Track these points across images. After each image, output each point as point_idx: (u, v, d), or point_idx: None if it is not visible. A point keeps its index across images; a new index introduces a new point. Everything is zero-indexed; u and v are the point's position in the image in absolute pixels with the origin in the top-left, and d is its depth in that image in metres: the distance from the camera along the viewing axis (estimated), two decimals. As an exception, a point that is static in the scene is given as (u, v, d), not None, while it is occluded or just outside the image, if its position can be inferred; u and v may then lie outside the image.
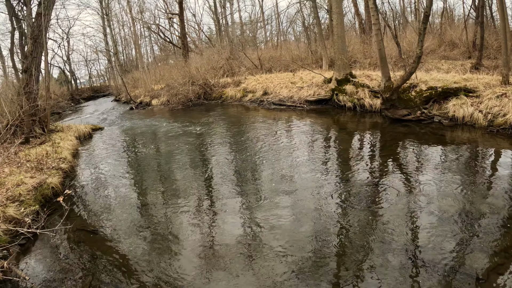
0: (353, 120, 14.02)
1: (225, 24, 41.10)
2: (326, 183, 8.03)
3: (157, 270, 5.69)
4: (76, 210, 8.94)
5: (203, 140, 14.02)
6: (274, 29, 51.98)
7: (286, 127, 14.11)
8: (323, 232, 6.05)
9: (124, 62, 56.66)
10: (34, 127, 16.98)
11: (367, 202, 6.86)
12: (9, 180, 10.03)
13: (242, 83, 24.37)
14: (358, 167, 8.82)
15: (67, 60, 57.14)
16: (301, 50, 29.54)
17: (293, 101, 18.14)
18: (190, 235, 6.66)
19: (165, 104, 27.30)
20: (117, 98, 39.53)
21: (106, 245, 6.83)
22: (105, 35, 46.04)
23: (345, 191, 7.46)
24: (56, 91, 44.03)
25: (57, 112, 34.84)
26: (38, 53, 17.45)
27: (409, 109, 12.50)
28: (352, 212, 6.57)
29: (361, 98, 15.13)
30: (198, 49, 37.89)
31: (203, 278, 5.29)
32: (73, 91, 53.97)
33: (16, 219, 7.92)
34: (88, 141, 18.30)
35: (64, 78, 58.47)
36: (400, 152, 9.64)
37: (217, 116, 19.10)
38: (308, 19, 36.58)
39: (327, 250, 5.53)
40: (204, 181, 9.48)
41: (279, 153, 10.62)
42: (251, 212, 7.12)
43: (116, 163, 12.77)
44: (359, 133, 12.20)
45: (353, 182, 7.85)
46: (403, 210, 6.39)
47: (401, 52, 20.72)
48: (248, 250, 5.81)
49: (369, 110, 14.63)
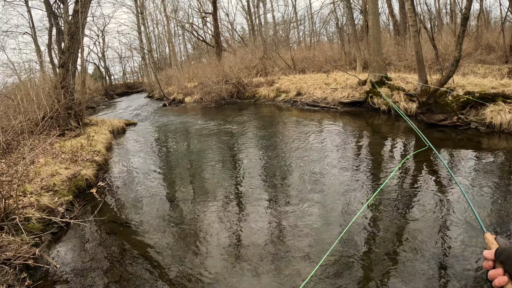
0: (388, 124, 13.88)
1: (258, 24, 41.24)
2: (357, 187, 7.98)
3: (183, 264, 5.84)
4: (108, 202, 9.22)
5: (235, 139, 14.16)
6: (307, 30, 51.97)
7: (319, 128, 14.12)
8: (351, 237, 5.98)
9: (158, 59, 57.41)
10: (69, 120, 17.46)
11: (398, 209, 6.78)
12: (44, 170, 10.43)
13: (276, 83, 24.44)
14: (390, 171, 8.76)
15: (102, 57, 58.39)
16: (334, 51, 29.30)
17: (326, 103, 18.14)
18: (217, 232, 6.76)
19: (198, 101, 27.58)
20: (150, 95, 40.22)
21: (136, 238, 7.04)
22: (140, 33, 46.74)
23: (376, 196, 7.35)
24: (91, 86, 45.04)
25: (92, 106, 35.65)
26: (75, 49, 18.01)
27: (446, 114, 12.26)
28: (382, 219, 6.53)
29: (396, 101, 15.00)
30: (231, 48, 38.13)
31: (227, 275, 5.37)
32: (107, 86, 55.08)
33: (50, 208, 8.25)
34: (122, 136, 18.76)
35: (99, 74, 59.72)
36: (436, 159, 9.47)
37: (250, 115, 19.24)
38: (342, 19, 36.48)
39: (353, 255, 5.45)
40: (234, 180, 9.57)
41: (311, 155, 10.64)
42: (279, 213, 7.15)
43: (148, 158, 13.05)
44: (393, 137, 12.08)
45: (385, 187, 7.73)
46: (436, 219, 6.27)
47: (437, 54, 20.48)
48: (273, 250, 5.84)
49: (404, 113, 14.43)
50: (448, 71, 11.96)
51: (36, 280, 5.84)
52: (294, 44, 44.67)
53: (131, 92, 54.89)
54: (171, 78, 37.94)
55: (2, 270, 5.82)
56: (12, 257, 6.02)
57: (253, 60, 29.05)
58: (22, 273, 5.90)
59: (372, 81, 16.79)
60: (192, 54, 56.05)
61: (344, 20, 35.97)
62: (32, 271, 6.07)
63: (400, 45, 25.06)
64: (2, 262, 5.94)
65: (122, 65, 66.90)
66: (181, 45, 60.75)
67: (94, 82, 52.91)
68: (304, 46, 39.96)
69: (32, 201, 8.16)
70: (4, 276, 5.71)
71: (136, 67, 71.09)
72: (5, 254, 6.05)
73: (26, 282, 5.67)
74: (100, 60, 58.83)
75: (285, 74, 26.35)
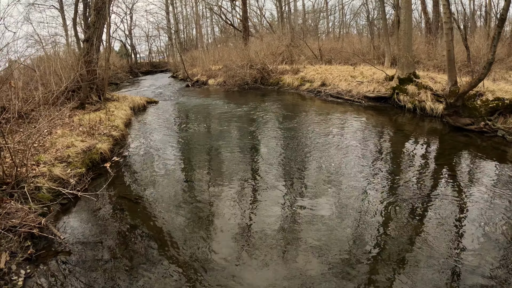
0: (411, 123, 13.41)
1: (287, 11, 40.76)
2: (373, 185, 7.71)
3: (192, 247, 5.76)
4: (121, 178, 9.14)
5: (255, 125, 13.97)
6: (336, 21, 51.23)
7: (341, 121, 13.80)
8: (363, 236, 5.82)
9: (184, 40, 57.39)
10: (91, 94, 17.54)
11: (414, 211, 6.53)
12: (60, 141, 10.41)
13: (301, 72, 24.04)
14: (410, 172, 8.42)
15: (128, 35, 58.51)
16: (363, 45, 28.73)
17: (351, 96, 17.74)
18: (228, 217, 6.66)
19: (221, 84, 27.52)
20: (174, 75, 40.29)
21: (145, 215, 6.95)
22: (168, 13, 46.78)
23: (392, 196, 7.13)
24: (116, 63, 45.30)
25: (115, 83, 36.01)
26: (101, 24, 18.06)
27: (473, 119, 11.74)
28: (396, 220, 6.27)
29: (422, 101, 14.45)
30: (259, 34, 37.79)
31: (235, 261, 5.31)
32: (132, 64, 55.28)
33: (61, 179, 8.18)
34: (142, 113, 18.76)
35: (125, 52, 59.89)
36: (457, 163, 9.08)
37: (273, 102, 18.99)
38: (373, 13, 35.80)
39: (363, 254, 5.33)
40: (250, 166, 9.45)
41: (330, 148, 10.39)
42: (292, 204, 7.02)
43: (166, 137, 12.97)
44: (416, 137, 11.62)
45: (402, 188, 7.49)
46: (452, 225, 6.00)
47: (469, 56, 19.82)
48: (283, 241, 5.75)
49: (430, 114, 13.88)
50: (480, 73, 11.42)
51: (39, 250, 5.76)
52: (322, 35, 43.98)
53: (155, 71, 55.03)
54: (196, 60, 37.90)
55: (7, 236, 5.75)
56: (18, 224, 5.96)
57: (279, 47, 28.65)
58: (26, 241, 5.84)
59: (399, 77, 16.33)
60: (219, 37, 55.78)
61: (375, 13, 35.30)
62: (36, 240, 6.00)
63: (430, 44, 24.30)
64: (8, 229, 5.87)
65: (149, 44, 66.89)
66: (208, 28, 60.65)
67: (119, 59, 53.15)
68: (333, 37, 39.37)
69: (44, 171, 8.10)
70: (8, 243, 5.64)
71: (162, 47, 71.22)
72: (11, 221, 5.98)
73: (29, 251, 5.60)
74: (127, 38, 59.04)
75: (311, 63, 25.98)
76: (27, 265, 5.37)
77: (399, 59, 17.07)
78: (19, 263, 5.35)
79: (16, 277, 5.06)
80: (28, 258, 5.50)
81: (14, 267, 5.23)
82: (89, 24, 18.21)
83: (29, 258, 5.50)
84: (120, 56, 57.51)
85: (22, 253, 5.54)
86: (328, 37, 41.06)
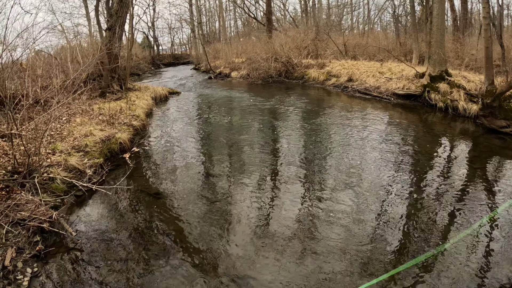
0: (443, 123, 12.57)
1: (311, 5, 40.13)
2: (397, 186, 7.15)
3: (209, 244, 5.43)
4: (140, 170, 8.79)
5: (278, 119, 13.51)
6: (360, 16, 50.40)
7: (368, 118, 13.12)
8: (383, 237, 5.44)
9: (207, 33, 57.38)
10: (112, 83, 17.44)
11: (439, 216, 5.97)
12: (78, 129, 10.07)
13: (326, 66, 23.39)
14: (438, 175, 7.72)
15: (151, 26, 58.61)
16: (389, 41, 28.07)
17: (379, 92, 17.00)
18: (247, 213, 6.34)
19: (244, 77, 27.27)
20: (197, 67, 40.39)
21: (164, 212, 6.53)
22: (191, 5, 46.59)
23: (416, 199, 6.57)
24: (139, 54, 45.60)
25: (137, 73, 36.22)
26: (123, 13, 17.92)
27: (509, 121, 10.93)
28: (419, 224, 5.76)
29: (454, 100, 13.66)
30: (282, 28, 37.24)
31: (251, 259, 5.05)
32: (154, 56, 55.54)
33: (77, 170, 7.79)
34: (164, 103, 18.65)
35: (147, 43, 60.30)
36: (490, 168, 8.31)
37: (297, 96, 18.42)
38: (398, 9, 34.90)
39: (382, 256, 4.99)
40: (271, 161, 9.05)
41: (354, 146, 9.80)
42: (312, 202, 6.69)
43: (187, 128, 12.68)
44: (447, 138, 10.81)
45: (428, 191, 6.89)
46: (480, 235, 5.40)
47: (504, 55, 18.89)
48: (302, 239, 5.46)
49: (462, 114, 13.02)
50: (519, 73, 10.70)
51: (49, 246, 5.35)
52: (346, 30, 43.13)
53: (177, 63, 55.27)
54: (218, 52, 37.83)
55: (14, 230, 5.33)
56: (27, 217, 5.53)
57: (305, 41, 28.08)
58: (35, 236, 5.41)
59: (431, 74, 15.57)
60: (242, 31, 55.45)
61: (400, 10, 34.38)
62: (46, 235, 5.57)
63: (458, 42, 23.31)
64: (16, 222, 5.46)
65: (171, 36, 67.07)
66: (231, 21, 60.53)
67: (142, 50, 53.55)
68: (357, 33, 38.61)
69: (60, 160, 7.70)
70: (16, 238, 5.22)
71: (184, 39, 71.51)
72: (20, 214, 5.57)
73: (37, 247, 5.16)
74: (150, 30, 59.19)
75: (337, 58, 25.29)
76: (35, 263, 4.94)
77: (431, 56, 16.27)
78: (26, 260, 4.92)
79: (21, 276, 4.63)
80: (36, 254, 5.07)
81: (20, 265, 4.81)
82: (111, 12, 18.04)
83: (37, 255, 5.08)
84: (143, 48, 57.91)
85: (29, 249, 5.12)
86: (352, 33, 40.19)
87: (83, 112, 12.64)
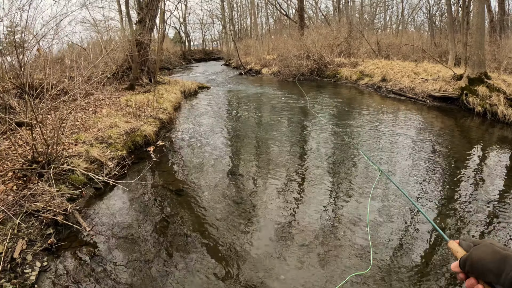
0: (480, 128, 11.76)
1: (344, 3, 39.54)
2: (426, 195, 6.63)
3: (231, 247, 5.09)
4: (163, 164, 8.53)
5: (308, 118, 13.03)
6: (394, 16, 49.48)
7: (401, 121, 12.53)
8: (406, 250, 5.02)
9: (238, 29, 57.47)
10: (141, 76, 17.43)
11: (471, 231, 5.43)
12: (103, 120, 9.91)
13: (359, 65, 22.81)
14: (471, 186, 7.09)
15: (183, 22, 59.04)
16: (423, 41, 27.30)
17: (414, 93, 16.31)
18: (271, 213, 6.02)
19: (275, 74, 27.10)
20: (227, 63, 40.70)
21: (185, 210, 6.21)
22: (222, 1, 46.70)
23: (444, 211, 6.02)
24: (170, 49, 46.05)
25: (168, 68, 36.58)
26: (154, 6, 17.91)
27: None
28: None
29: (494, 104, 12.89)
30: (314, 25, 36.77)
31: (272, 259, 4.82)
32: (185, 51, 55.98)
33: (99, 161, 7.57)
34: (193, 98, 18.56)
35: (179, 39, 60.88)
36: None
37: (329, 95, 17.92)
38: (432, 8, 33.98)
39: (409, 265, 4.67)
40: (299, 161, 8.66)
41: (386, 150, 9.27)
42: (337, 206, 6.32)
43: (216, 124, 12.42)
44: (484, 145, 10.02)
45: (461, 202, 6.34)
46: None
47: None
48: (323, 244, 5.16)
49: (501, 120, 12.28)
50: None
51: (62, 239, 5.11)
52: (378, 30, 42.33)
53: (208, 59, 55.64)
54: (250, 48, 37.90)
55: (28, 221, 5.11)
56: (41, 209, 5.29)
57: (337, 38, 27.57)
58: (48, 228, 5.17)
59: (469, 76, 14.85)
60: (273, 28, 55.20)
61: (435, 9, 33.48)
62: (60, 228, 5.32)
63: (495, 44, 22.28)
64: (30, 213, 5.24)
65: (203, 32, 67.61)
66: (263, 18, 60.46)
67: (173, 45, 54.11)
68: (390, 32, 37.85)
69: (81, 151, 7.49)
70: (28, 229, 5.00)
71: (216, 35, 71.98)
72: (35, 205, 5.33)
73: (49, 240, 4.92)
74: (181, 25, 59.65)
75: (370, 57, 24.72)
76: (45, 257, 4.71)
77: (469, 57, 15.54)
78: (36, 253, 4.69)
79: (29, 270, 4.39)
80: (47, 248, 4.84)
81: (29, 258, 4.58)
82: (142, 5, 18.02)
83: (49, 248, 4.84)
84: (174, 43, 58.50)
85: (41, 242, 4.88)
86: (385, 32, 39.42)
87: (110, 103, 12.54)
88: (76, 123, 9.72)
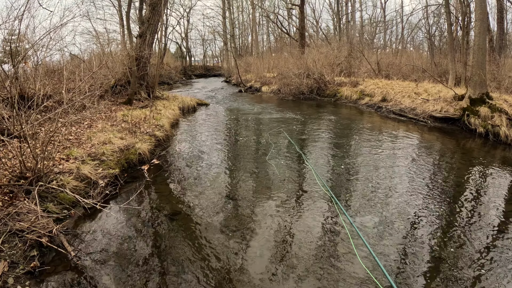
0: (482, 150, 11.59)
1: (344, 23, 39.74)
2: (425, 218, 6.40)
3: (227, 272, 4.87)
4: (157, 185, 8.22)
5: (308, 139, 12.83)
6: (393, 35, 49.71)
7: (402, 142, 12.34)
8: (404, 274, 4.83)
9: (239, 46, 57.79)
10: (140, 90, 17.34)
11: (469, 260, 5.13)
12: (97, 136, 9.67)
13: (360, 85, 22.84)
14: (472, 210, 6.86)
15: (185, 37, 59.42)
16: (423, 60, 27.32)
17: (415, 114, 16.20)
18: (270, 247, 5.61)
19: (275, 92, 27.18)
20: (227, 80, 41.13)
21: (178, 235, 5.90)
22: (224, 18, 47.03)
23: (444, 237, 5.76)
24: (171, 64, 46.28)
25: (168, 82, 36.71)
26: (155, 21, 18.00)
27: None
28: (442, 265, 5.03)
29: (496, 125, 12.76)
30: (315, 44, 36.89)
31: (269, 281, 4.70)
32: (186, 66, 56.39)
33: (89, 179, 7.29)
34: (191, 114, 18.40)
35: (180, 54, 61.31)
36: None
37: (328, 115, 17.77)
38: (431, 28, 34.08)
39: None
40: (297, 180, 8.50)
41: (385, 173, 9.03)
42: (335, 225, 6.20)
43: (213, 143, 12.16)
44: (486, 167, 9.66)
45: (460, 226, 6.12)
46: None
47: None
48: (321, 265, 5.04)
49: (504, 141, 12.20)
50: None
51: (46, 263, 4.80)
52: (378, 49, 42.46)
53: (209, 74, 56.15)
54: (250, 66, 38.08)
55: (11, 241, 4.84)
56: (26, 229, 5.02)
57: (338, 57, 27.64)
58: (32, 250, 4.88)
59: (471, 97, 14.69)
60: (274, 46, 55.45)
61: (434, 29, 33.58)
62: (45, 250, 5.01)
63: (494, 63, 22.16)
64: (14, 233, 4.96)
65: (204, 47, 68.12)
66: (264, 36, 60.82)
67: (174, 60, 54.40)
68: (390, 52, 37.94)
69: (72, 168, 7.22)
70: (12, 249, 4.72)
71: (217, 51, 72.61)
72: (19, 224, 5.06)
73: (33, 263, 4.63)
74: (183, 40, 59.97)
75: (370, 77, 24.69)
76: (27, 280, 4.41)
77: (471, 77, 15.42)
78: (18, 276, 4.40)
79: (10, 295, 4.10)
80: (30, 271, 4.54)
81: (11, 281, 4.29)
82: (143, 19, 18.00)
83: (32, 272, 4.55)
84: (175, 58, 58.87)
85: (24, 264, 4.59)
86: (385, 52, 39.52)
87: (106, 118, 12.33)
88: (69, 137, 9.49)
